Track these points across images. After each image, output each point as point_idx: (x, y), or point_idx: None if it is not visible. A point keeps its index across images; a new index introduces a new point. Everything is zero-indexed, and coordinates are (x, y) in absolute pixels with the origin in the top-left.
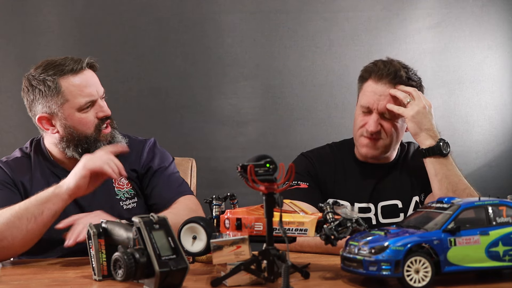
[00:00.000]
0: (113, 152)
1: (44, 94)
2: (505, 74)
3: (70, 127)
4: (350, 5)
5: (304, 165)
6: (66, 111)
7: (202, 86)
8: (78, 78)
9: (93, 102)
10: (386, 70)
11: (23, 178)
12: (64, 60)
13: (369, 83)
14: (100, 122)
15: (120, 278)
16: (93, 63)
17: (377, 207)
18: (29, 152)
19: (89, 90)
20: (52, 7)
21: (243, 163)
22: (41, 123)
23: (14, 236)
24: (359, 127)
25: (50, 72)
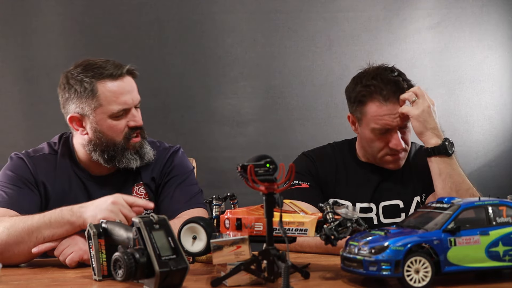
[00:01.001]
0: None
1: (79, 94)
2: (505, 74)
3: (99, 132)
4: (350, 5)
5: (305, 164)
6: (98, 115)
7: (202, 86)
8: (116, 84)
9: (126, 111)
10: (389, 88)
11: (46, 177)
12: (105, 63)
13: (374, 107)
14: (130, 131)
15: (120, 278)
16: (134, 70)
17: (379, 207)
18: (57, 149)
19: (124, 98)
20: (52, 7)
21: (243, 163)
22: (72, 122)
23: (21, 250)
24: (381, 149)
25: (89, 73)
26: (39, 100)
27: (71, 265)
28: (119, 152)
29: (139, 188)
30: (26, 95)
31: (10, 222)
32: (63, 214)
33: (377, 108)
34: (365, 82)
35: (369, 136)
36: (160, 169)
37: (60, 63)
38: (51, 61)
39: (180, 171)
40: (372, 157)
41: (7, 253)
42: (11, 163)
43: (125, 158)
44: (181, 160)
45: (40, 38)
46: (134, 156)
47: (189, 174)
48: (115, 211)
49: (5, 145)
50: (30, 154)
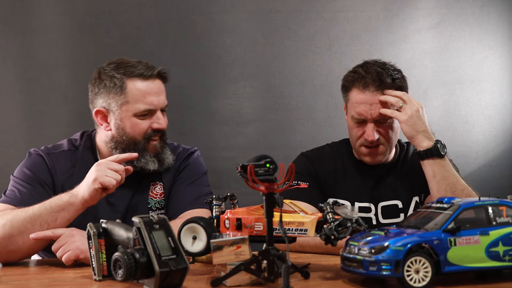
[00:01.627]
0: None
1: (108, 89)
2: (505, 74)
3: (122, 129)
4: (350, 5)
5: (304, 164)
6: (123, 112)
7: (202, 86)
8: (145, 84)
9: (151, 112)
10: (370, 77)
11: (65, 175)
12: (138, 63)
13: (355, 93)
14: (152, 132)
15: (120, 278)
16: (165, 74)
17: (377, 207)
18: (78, 145)
19: (151, 98)
20: (52, 7)
21: (243, 163)
22: (97, 117)
23: (25, 240)
24: (357, 138)
25: (121, 70)
26: (39, 100)
27: (67, 263)
28: (139, 151)
29: (155, 187)
30: (26, 95)
31: (12, 214)
32: (62, 197)
33: (356, 95)
34: (353, 69)
35: (350, 123)
36: (175, 169)
37: (60, 63)
38: (51, 61)
39: (192, 171)
40: (354, 149)
41: (11, 246)
42: (29, 160)
43: (143, 159)
44: (195, 161)
45: (40, 38)
46: (152, 158)
47: (201, 175)
48: (102, 170)
49: (5, 145)
50: (50, 151)
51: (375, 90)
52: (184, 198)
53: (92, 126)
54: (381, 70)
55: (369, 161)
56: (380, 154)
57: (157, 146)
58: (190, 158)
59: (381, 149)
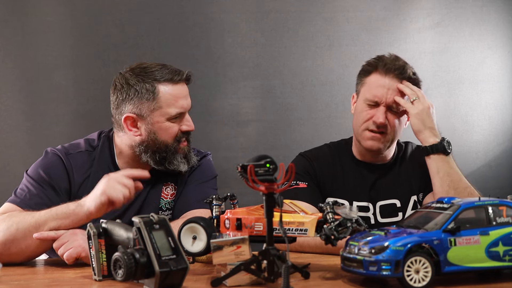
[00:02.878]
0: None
1: (140, 95)
2: (505, 74)
3: (154, 133)
4: (350, 5)
5: (303, 165)
6: (156, 117)
7: (202, 86)
8: (176, 88)
9: (182, 114)
10: (394, 64)
11: (81, 173)
12: (164, 67)
13: (374, 77)
14: (182, 135)
15: (120, 278)
16: (190, 77)
17: (376, 206)
18: (96, 146)
19: (182, 102)
20: (52, 7)
21: (243, 163)
22: (126, 123)
23: (28, 245)
24: (364, 121)
25: (150, 75)
26: (39, 100)
27: (69, 261)
28: (171, 154)
29: (167, 188)
30: (26, 95)
31: (19, 217)
32: (69, 206)
33: (377, 78)
34: (377, 56)
35: (359, 107)
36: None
37: (60, 63)
38: (51, 61)
39: (202, 173)
40: (356, 133)
41: (14, 248)
42: (45, 160)
43: (175, 161)
44: (206, 164)
45: (40, 38)
46: (183, 159)
47: (210, 178)
48: (112, 184)
49: (5, 145)
50: (68, 151)
51: (395, 77)
52: (189, 197)
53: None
54: (404, 62)
55: (369, 145)
56: (382, 142)
57: (186, 148)
58: (201, 162)
59: (384, 137)
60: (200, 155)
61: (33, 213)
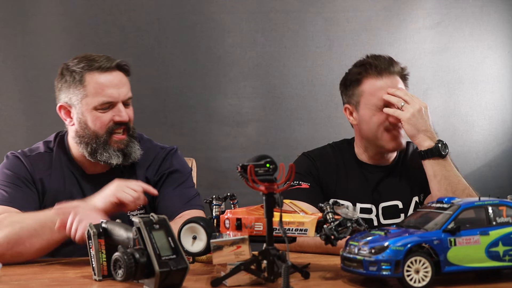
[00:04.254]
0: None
1: (69, 84)
2: (505, 74)
3: (84, 123)
4: (350, 5)
5: (306, 165)
6: (84, 106)
7: (202, 86)
8: (104, 76)
9: (112, 104)
10: (382, 61)
11: (43, 175)
12: (99, 57)
13: (369, 83)
14: (114, 125)
15: (120, 278)
16: (125, 66)
17: (378, 208)
18: (53, 147)
19: (110, 91)
20: (52, 7)
21: (243, 163)
22: (61, 112)
23: (33, 243)
24: (379, 124)
25: (81, 65)
26: (39, 100)
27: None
28: (101, 146)
29: None
30: (26, 95)
31: (21, 217)
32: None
33: (373, 83)
34: (358, 64)
35: (368, 114)
36: (155, 168)
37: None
38: (51, 61)
39: (180, 173)
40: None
41: (17, 248)
42: (7, 162)
43: (106, 153)
44: (181, 161)
45: (40, 38)
46: (116, 152)
47: (188, 176)
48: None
49: (5, 145)
50: (26, 154)
51: (390, 73)
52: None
53: None
54: (387, 56)
55: (394, 146)
56: (402, 137)
57: (121, 141)
58: (174, 157)
59: (401, 132)
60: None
61: (33, 213)
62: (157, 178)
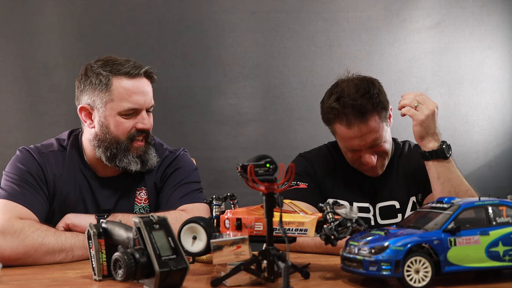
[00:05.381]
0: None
1: (94, 86)
2: (505, 74)
3: (105, 127)
4: (350, 5)
5: (303, 165)
6: (108, 110)
7: (202, 86)
8: (131, 82)
9: (136, 111)
10: (350, 112)
11: (55, 175)
12: (125, 62)
13: (340, 129)
14: (136, 133)
15: (120, 278)
16: (151, 73)
17: (375, 208)
18: (66, 145)
19: (136, 97)
20: (52, 7)
21: (243, 163)
22: (81, 113)
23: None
24: (353, 160)
25: (107, 68)
26: (39, 100)
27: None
28: (121, 151)
29: (140, 193)
30: (26, 95)
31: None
32: None
33: (343, 131)
34: (330, 103)
35: (342, 149)
36: (161, 173)
37: (60, 63)
38: (51, 61)
39: (183, 169)
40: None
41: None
42: (21, 156)
43: (126, 159)
44: (185, 160)
45: (40, 38)
46: (135, 159)
47: (192, 172)
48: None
49: (5, 145)
50: (41, 151)
51: (360, 123)
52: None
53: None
54: (357, 102)
55: (371, 175)
56: (379, 168)
57: (140, 147)
58: (178, 158)
59: (380, 163)
60: (173, 156)
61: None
62: (163, 181)
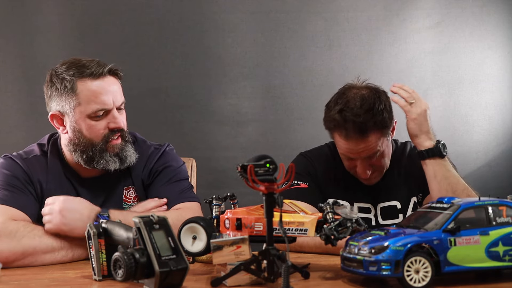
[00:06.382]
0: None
1: (60, 92)
2: (505, 74)
3: (78, 131)
4: (350, 5)
5: (303, 165)
6: (77, 114)
7: (202, 86)
8: (96, 83)
9: (106, 111)
10: (350, 127)
11: (40, 178)
12: (89, 62)
13: (338, 138)
14: (110, 133)
15: (120, 278)
16: (116, 71)
17: (377, 208)
18: (47, 150)
19: (103, 98)
20: (52, 7)
21: (243, 163)
22: (53, 121)
23: (45, 259)
24: (350, 168)
25: (71, 71)
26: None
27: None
28: (98, 153)
29: (129, 191)
30: (26, 95)
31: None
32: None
33: (341, 141)
34: (333, 114)
35: (340, 154)
36: (148, 170)
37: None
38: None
39: (171, 167)
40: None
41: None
42: (4, 163)
43: (103, 160)
44: (172, 156)
45: (40, 38)
46: (113, 158)
47: (180, 168)
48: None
49: (5, 145)
50: (23, 156)
51: (358, 139)
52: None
53: None
54: (359, 120)
55: (367, 183)
56: (376, 178)
57: (116, 145)
58: (165, 153)
59: (375, 175)
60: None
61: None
62: (151, 178)
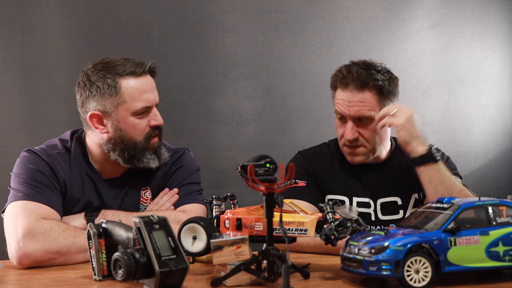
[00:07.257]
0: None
1: (102, 91)
2: (505, 74)
3: (121, 130)
4: (350, 5)
5: (302, 163)
6: (121, 113)
7: (202, 86)
8: (139, 81)
9: (148, 109)
10: (350, 76)
11: (65, 176)
12: (126, 61)
13: (338, 92)
14: (151, 130)
15: (120, 278)
16: (154, 69)
17: (376, 203)
18: (69, 147)
19: (147, 95)
20: (52, 7)
21: (243, 163)
22: (92, 120)
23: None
24: (340, 137)
25: (112, 70)
26: (39, 100)
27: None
28: (139, 151)
29: (146, 192)
30: (26, 95)
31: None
32: None
33: (339, 93)
34: (339, 69)
35: (336, 122)
36: (164, 172)
37: (60, 63)
38: (51, 61)
39: (184, 169)
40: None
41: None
42: (29, 157)
43: (145, 158)
44: (188, 159)
45: (40, 38)
46: (152, 156)
47: (193, 172)
48: None
49: (5, 145)
50: (48, 152)
51: (354, 89)
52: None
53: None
54: (362, 71)
55: (350, 160)
56: (360, 155)
57: (156, 143)
58: (180, 158)
59: (361, 150)
60: (176, 155)
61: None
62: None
